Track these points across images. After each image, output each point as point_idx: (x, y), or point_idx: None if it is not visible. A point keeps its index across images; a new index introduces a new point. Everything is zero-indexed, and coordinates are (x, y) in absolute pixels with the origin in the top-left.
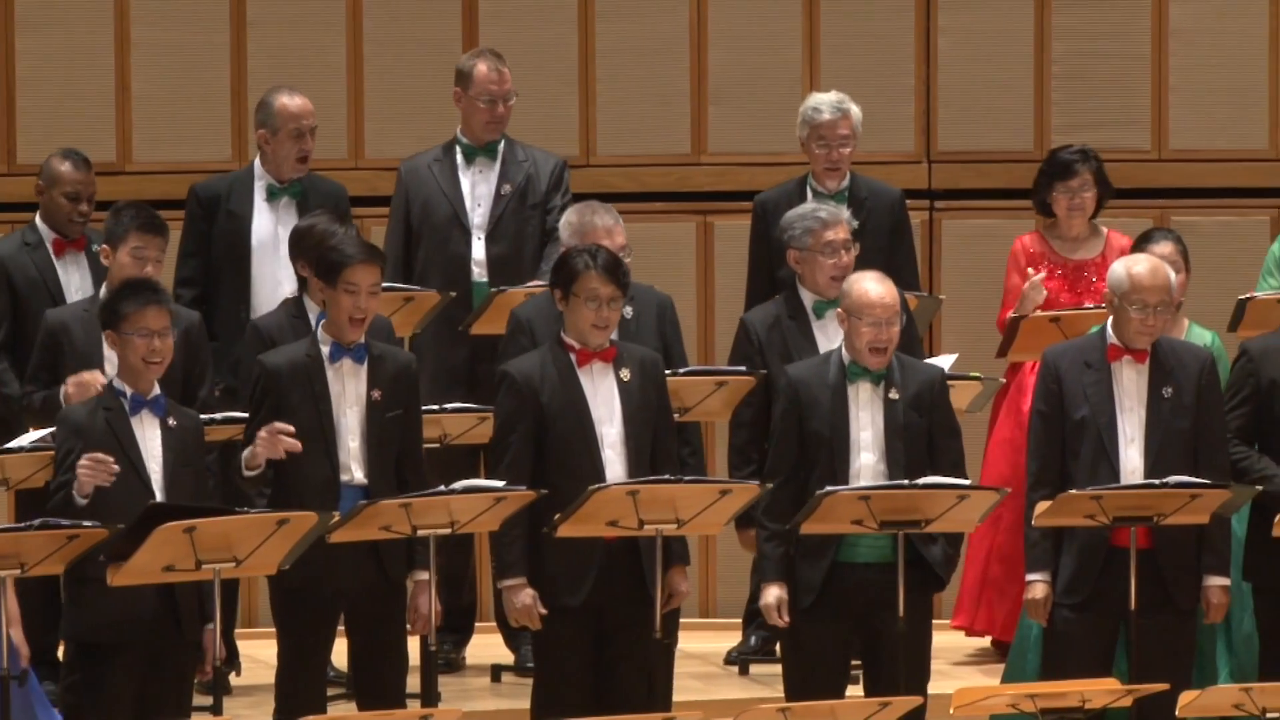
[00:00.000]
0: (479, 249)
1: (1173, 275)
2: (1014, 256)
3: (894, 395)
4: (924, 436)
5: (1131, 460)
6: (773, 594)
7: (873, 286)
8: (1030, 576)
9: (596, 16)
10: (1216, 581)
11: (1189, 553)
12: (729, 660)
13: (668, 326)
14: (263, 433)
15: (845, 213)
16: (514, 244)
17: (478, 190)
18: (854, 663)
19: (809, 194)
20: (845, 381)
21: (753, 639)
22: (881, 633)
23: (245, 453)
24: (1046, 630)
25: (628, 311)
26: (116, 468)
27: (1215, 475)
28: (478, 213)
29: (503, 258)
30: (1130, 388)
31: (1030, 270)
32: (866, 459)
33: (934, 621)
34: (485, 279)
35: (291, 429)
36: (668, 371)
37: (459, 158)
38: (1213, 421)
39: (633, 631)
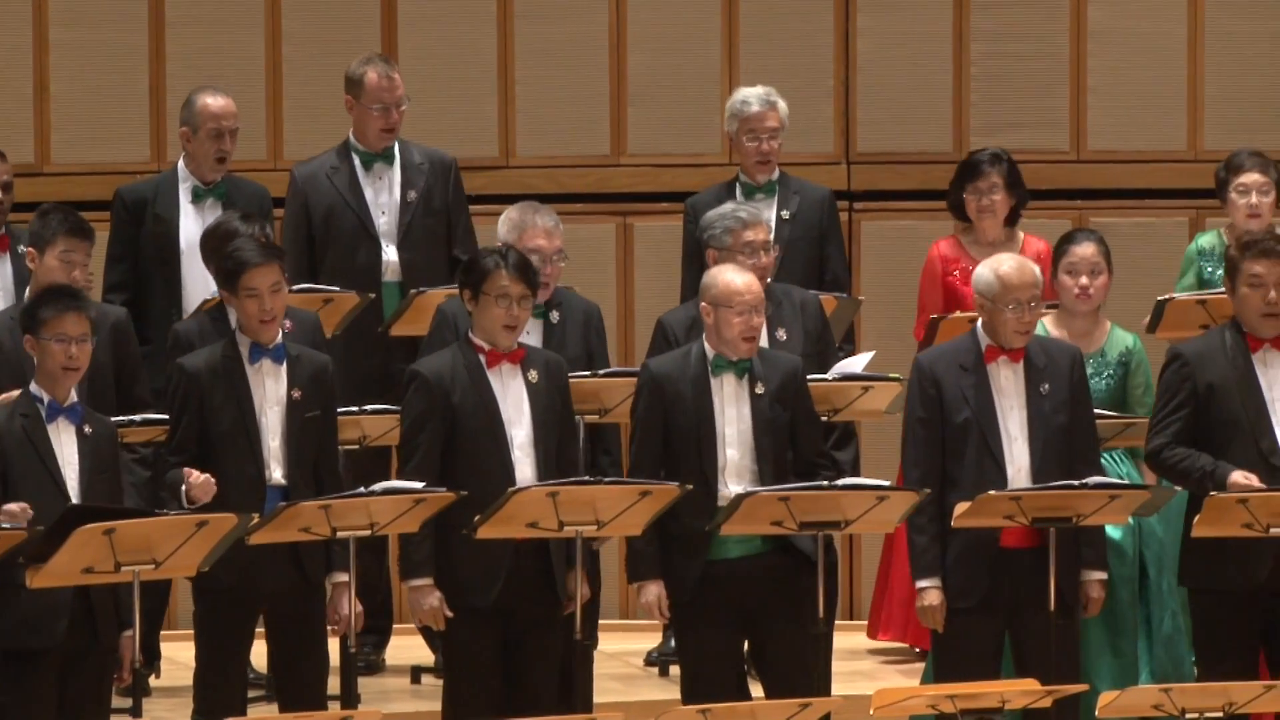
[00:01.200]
0: (390, 254)
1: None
2: (930, 263)
3: (759, 389)
4: (788, 429)
5: (1017, 459)
6: (651, 591)
7: (735, 276)
8: (922, 583)
9: (515, 17)
10: (1094, 576)
11: (1073, 551)
12: (649, 661)
13: (593, 334)
14: (194, 483)
15: (767, 214)
16: (424, 249)
17: (380, 198)
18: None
19: (738, 188)
20: (708, 375)
21: (673, 640)
22: (769, 633)
23: (183, 488)
24: (939, 636)
25: (554, 316)
26: (31, 514)
27: (1088, 469)
28: (382, 220)
29: (414, 263)
30: (1009, 387)
31: None
32: (732, 455)
33: (857, 623)
34: (398, 281)
35: (208, 478)
36: (588, 373)
37: (356, 164)
38: (1084, 416)
39: (542, 633)
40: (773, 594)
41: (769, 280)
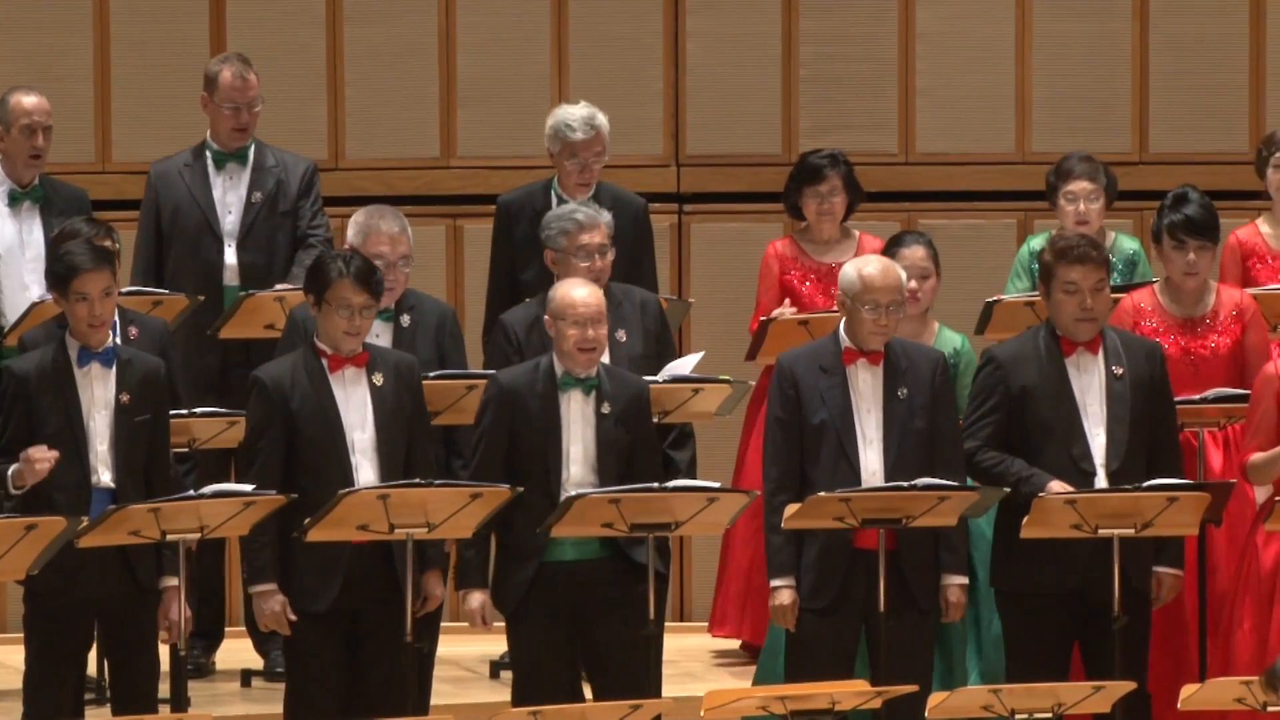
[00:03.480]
0: (230, 255)
1: (903, 275)
2: (766, 263)
3: (605, 409)
4: (629, 451)
5: (871, 462)
6: (475, 599)
7: (575, 288)
8: (775, 582)
9: (345, 20)
10: (955, 580)
11: (930, 553)
12: (502, 665)
13: (446, 338)
14: (25, 458)
15: (605, 216)
16: (265, 251)
17: (228, 197)
18: None
19: (554, 199)
20: (556, 391)
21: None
22: (598, 635)
23: (10, 471)
24: (791, 635)
25: (404, 320)
26: None
27: (951, 474)
28: (228, 219)
29: (254, 265)
30: (866, 390)
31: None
32: (576, 472)
33: (688, 624)
34: (237, 284)
35: (48, 453)
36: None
37: (209, 163)
38: (946, 421)
39: (385, 635)
40: (604, 597)
41: (605, 282)
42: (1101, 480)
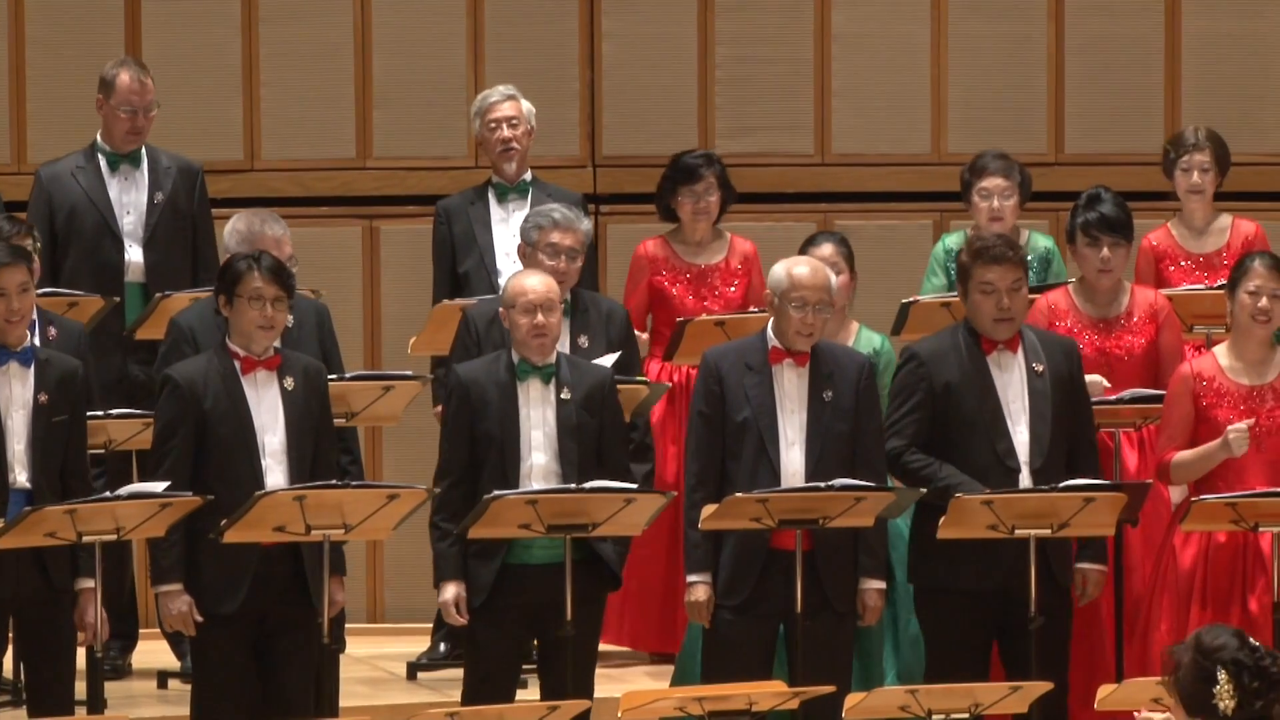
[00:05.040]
0: (135, 254)
1: (833, 277)
2: (636, 263)
3: (565, 395)
4: (595, 437)
5: (793, 462)
6: (449, 591)
7: (527, 278)
8: (691, 578)
9: (260, 20)
10: (872, 584)
11: (847, 555)
12: (419, 666)
13: (326, 335)
14: None
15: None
16: (170, 252)
17: (125, 197)
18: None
19: (490, 191)
20: (515, 380)
21: (442, 645)
22: (553, 635)
23: None
24: (707, 632)
25: (289, 321)
26: None
27: (872, 477)
28: (128, 220)
29: (160, 265)
30: (791, 390)
31: None
32: (538, 459)
33: None
34: (142, 282)
35: None
36: (334, 377)
37: (103, 165)
38: (870, 424)
39: (294, 637)
40: (565, 597)
41: (570, 286)
42: (1026, 477)
